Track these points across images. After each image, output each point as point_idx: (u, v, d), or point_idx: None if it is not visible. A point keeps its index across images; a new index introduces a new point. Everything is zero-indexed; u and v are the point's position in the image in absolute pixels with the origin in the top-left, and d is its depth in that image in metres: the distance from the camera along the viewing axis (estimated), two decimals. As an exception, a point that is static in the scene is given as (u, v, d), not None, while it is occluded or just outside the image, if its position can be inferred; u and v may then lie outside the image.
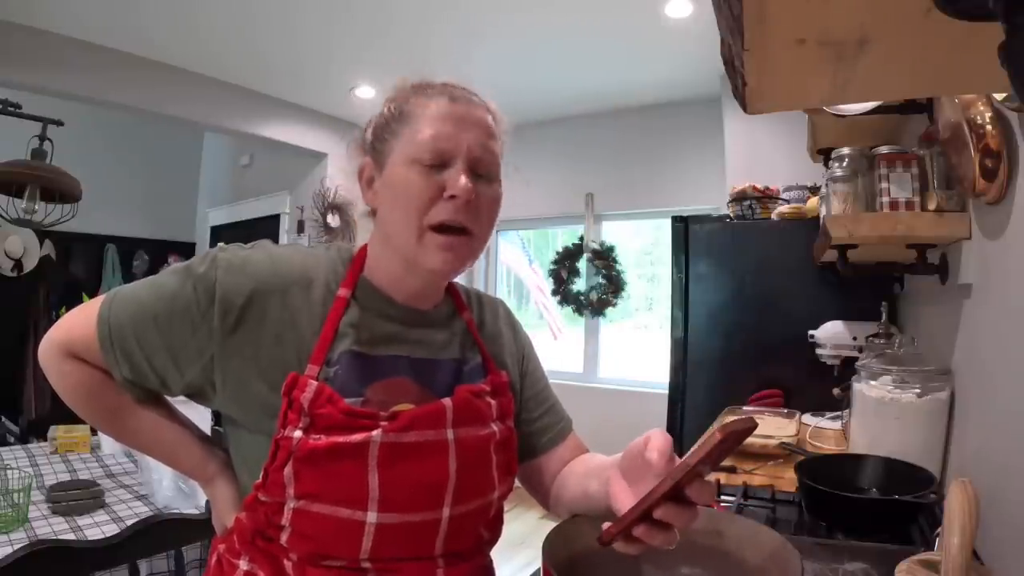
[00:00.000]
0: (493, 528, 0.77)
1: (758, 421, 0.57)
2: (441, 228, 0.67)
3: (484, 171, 0.70)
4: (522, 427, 0.82)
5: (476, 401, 0.72)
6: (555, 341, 4.36)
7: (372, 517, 0.63)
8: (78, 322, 0.70)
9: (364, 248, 0.75)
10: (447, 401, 0.69)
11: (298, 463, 0.62)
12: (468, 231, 0.68)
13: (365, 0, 2.65)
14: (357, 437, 0.63)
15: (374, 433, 0.63)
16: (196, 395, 0.70)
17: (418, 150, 0.67)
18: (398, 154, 0.68)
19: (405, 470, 0.65)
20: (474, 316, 0.82)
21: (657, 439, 0.58)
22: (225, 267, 0.66)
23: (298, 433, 0.62)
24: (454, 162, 0.67)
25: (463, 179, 0.66)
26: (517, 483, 0.82)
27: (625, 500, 0.61)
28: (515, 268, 4.73)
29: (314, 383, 0.63)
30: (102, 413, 0.73)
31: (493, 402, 0.74)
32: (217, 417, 0.76)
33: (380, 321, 0.71)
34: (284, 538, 0.65)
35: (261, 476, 0.65)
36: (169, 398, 0.76)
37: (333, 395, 0.64)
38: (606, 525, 0.58)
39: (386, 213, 0.70)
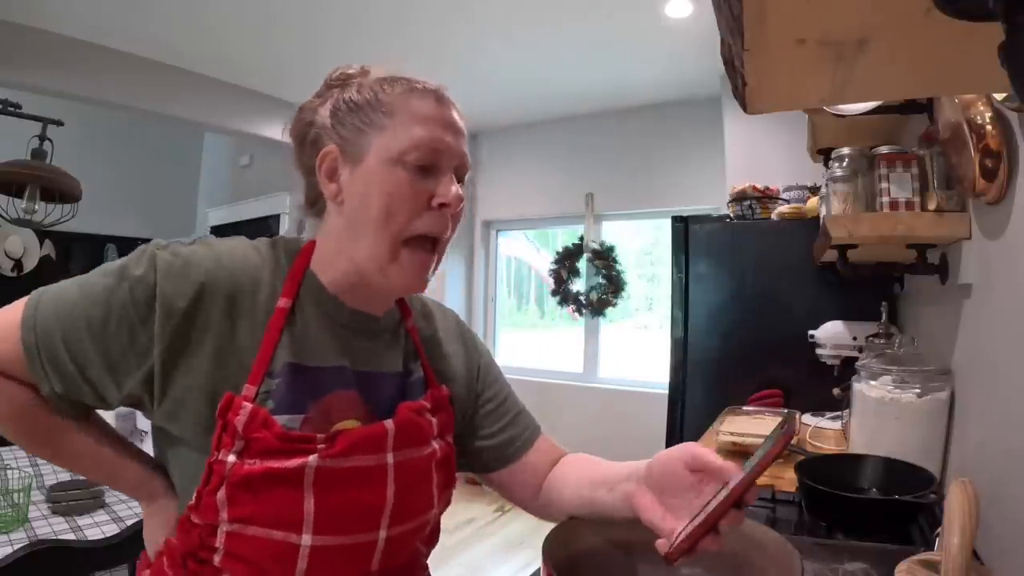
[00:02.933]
0: (429, 542, 0.77)
1: (758, 421, 0.57)
2: (416, 241, 0.65)
3: (461, 175, 0.69)
4: (490, 439, 0.82)
5: (418, 419, 0.70)
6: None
7: (307, 540, 0.61)
8: None
9: (310, 245, 0.71)
10: (389, 423, 0.66)
11: (232, 488, 0.59)
12: (439, 240, 0.67)
13: (365, 1, 2.65)
14: (292, 463, 0.60)
15: (310, 459, 0.61)
16: (134, 406, 0.65)
17: (408, 150, 0.64)
18: (380, 149, 0.64)
19: (341, 495, 0.63)
20: (420, 325, 0.79)
21: (707, 456, 0.62)
22: (165, 269, 0.61)
23: (232, 457, 0.59)
24: (443, 167, 0.66)
25: (455, 187, 0.66)
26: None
27: (657, 513, 0.63)
28: (521, 256, 4.74)
29: (248, 405, 0.60)
30: (34, 436, 0.66)
31: (434, 419, 0.72)
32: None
33: (326, 326, 0.68)
34: (217, 559, 0.62)
35: (194, 499, 0.62)
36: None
37: (268, 419, 0.60)
38: (662, 542, 0.60)
39: (357, 214, 0.65)
